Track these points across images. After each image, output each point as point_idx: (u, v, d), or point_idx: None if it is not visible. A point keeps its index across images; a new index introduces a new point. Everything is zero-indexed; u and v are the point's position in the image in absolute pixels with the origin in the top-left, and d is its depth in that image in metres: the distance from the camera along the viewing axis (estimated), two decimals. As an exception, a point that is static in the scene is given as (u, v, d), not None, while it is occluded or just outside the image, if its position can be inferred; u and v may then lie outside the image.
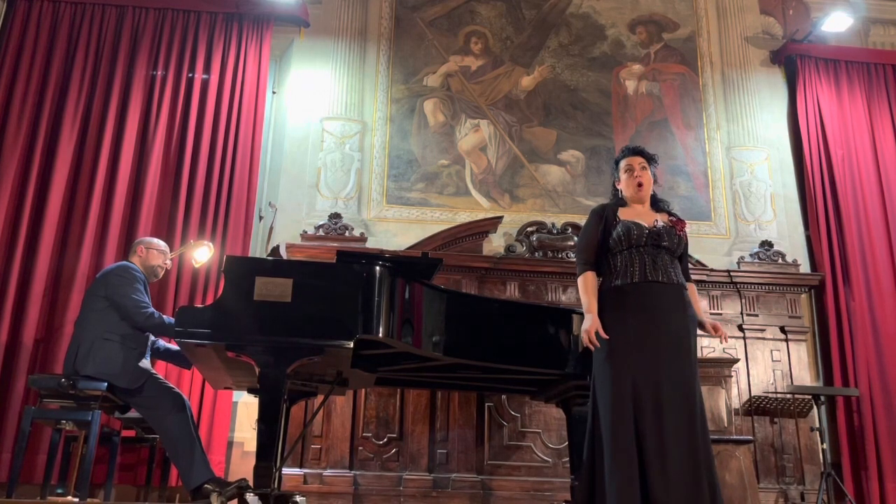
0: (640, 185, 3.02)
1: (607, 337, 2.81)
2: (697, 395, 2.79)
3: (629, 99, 5.95)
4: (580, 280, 2.98)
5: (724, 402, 4.60)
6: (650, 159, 3.09)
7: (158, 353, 3.90)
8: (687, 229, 3.04)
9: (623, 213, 3.01)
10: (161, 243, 4.01)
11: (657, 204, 3.09)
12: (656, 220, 2.98)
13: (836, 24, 5.98)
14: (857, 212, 5.60)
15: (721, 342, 2.93)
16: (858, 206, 5.62)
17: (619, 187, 3.11)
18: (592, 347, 2.83)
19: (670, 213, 3.06)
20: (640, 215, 3.00)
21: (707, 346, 5.19)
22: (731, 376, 4.71)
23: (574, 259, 4.75)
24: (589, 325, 2.84)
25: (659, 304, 2.85)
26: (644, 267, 2.88)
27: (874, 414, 5.14)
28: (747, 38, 6.25)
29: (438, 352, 3.17)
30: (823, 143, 5.79)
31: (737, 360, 4.92)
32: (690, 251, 5.32)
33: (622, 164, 3.09)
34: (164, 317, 3.62)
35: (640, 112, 5.92)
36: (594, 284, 2.95)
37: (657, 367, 2.76)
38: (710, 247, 5.58)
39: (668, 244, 2.91)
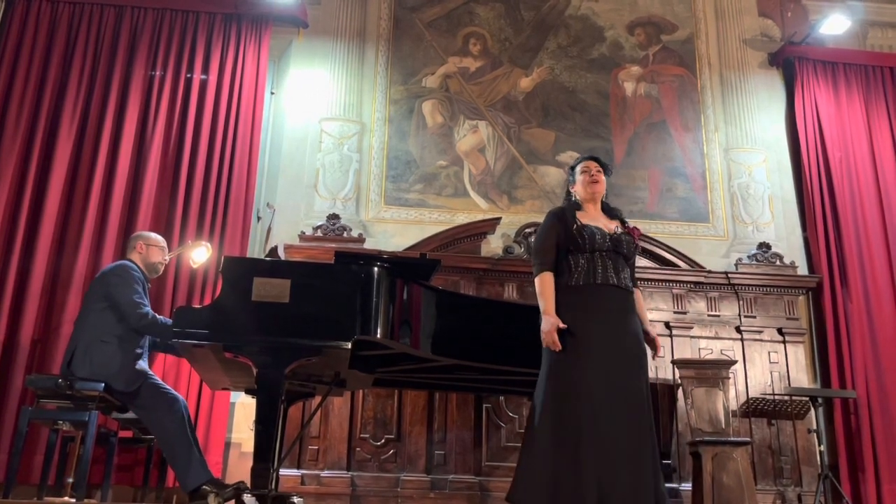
0: (595, 181, 3.15)
1: (565, 327, 2.86)
2: (648, 399, 2.90)
3: (627, 100, 5.95)
4: (538, 280, 3.04)
5: (721, 403, 4.60)
6: (605, 167, 3.25)
7: (156, 345, 3.89)
8: (638, 239, 3.16)
9: (581, 217, 3.10)
10: (159, 238, 4.01)
11: (611, 211, 3.22)
12: (616, 227, 3.10)
13: (835, 26, 5.99)
14: (854, 214, 5.61)
15: (654, 356, 3.06)
16: (856, 209, 5.62)
17: (573, 191, 3.24)
18: (556, 347, 2.87)
19: (623, 221, 3.18)
20: (596, 220, 3.11)
21: (705, 348, 5.20)
22: (728, 378, 4.71)
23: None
24: (550, 327, 2.90)
25: (618, 307, 2.97)
26: (606, 270, 2.97)
27: (871, 416, 5.14)
28: (745, 40, 6.26)
29: (437, 353, 3.17)
30: (821, 145, 5.80)
31: (734, 362, 4.93)
32: (688, 252, 5.41)
33: (579, 167, 3.24)
34: (160, 317, 3.61)
35: (638, 114, 5.92)
36: (552, 286, 3.01)
37: (615, 367, 2.84)
38: (707, 248, 5.59)
39: (626, 251, 3.05)
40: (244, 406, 4.81)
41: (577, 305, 2.94)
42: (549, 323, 2.91)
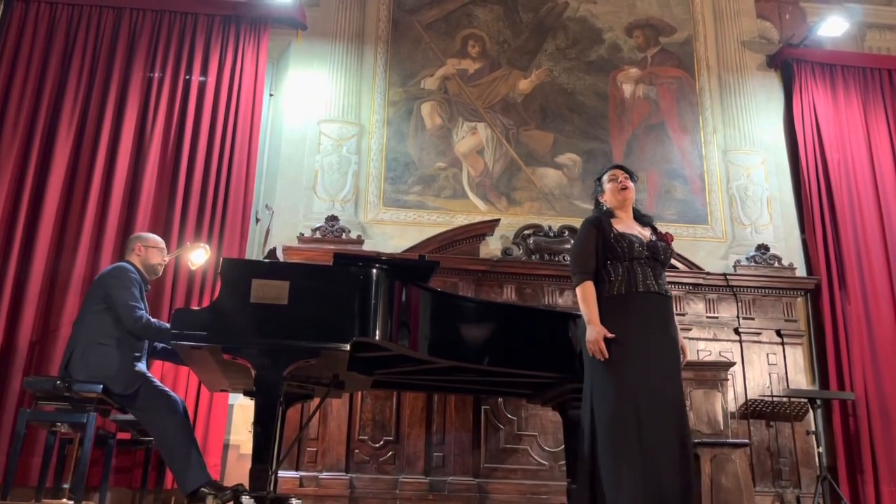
0: (624, 188, 3.15)
1: (612, 336, 2.87)
2: (686, 413, 2.95)
3: (626, 102, 5.96)
4: (580, 290, 3.02)
5: (720, 405, 4.60)
6: (631, 174, 3.25)
7: (156, 353, 3.88)
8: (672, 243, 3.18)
9: (617, 225, 3.10)
10: (158, 239, 3.99)
11: (642, 218, 3.22)
12: (651, 235, 3.12)
13: (833, 28, 6.00)
14: (852, 216, 5.61)
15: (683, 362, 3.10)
16: (854, 210, 5.63)
17: (602, 200, 3.24)
18: (601, 356, 2.87)
19: (654, 228, 3.19)
20: (631, 228, 3.11)
21: (703, 350, 5.20)
22: (727, 379, 4.72)
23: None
24: (595, 335, 2.89)
25: (660, 313, 2.98)
26: (646, 278, 2.98)
27: (870, 417, 5.15)
28: (744, 42, 6.27)
29: (435, 355, 3.17)
30: (819, 146, 5.81)
31: (733, 364, 4.93)
32: (687, 254, 5.42)
33: (606, 176, 3.24)
34: (155, 321, 3.59)
35: (636, 115, 5.93)
36: (594, 294, 3.00)
37: (659, 374, 2.87)
38: (706, 250, 5.59)
39: (662, 258, 3.06)
40: (243, 408, 4.80)
41: (621, 314, 2.94)
42: (595, 332, 2.90)
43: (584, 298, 2.99)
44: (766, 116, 6.07)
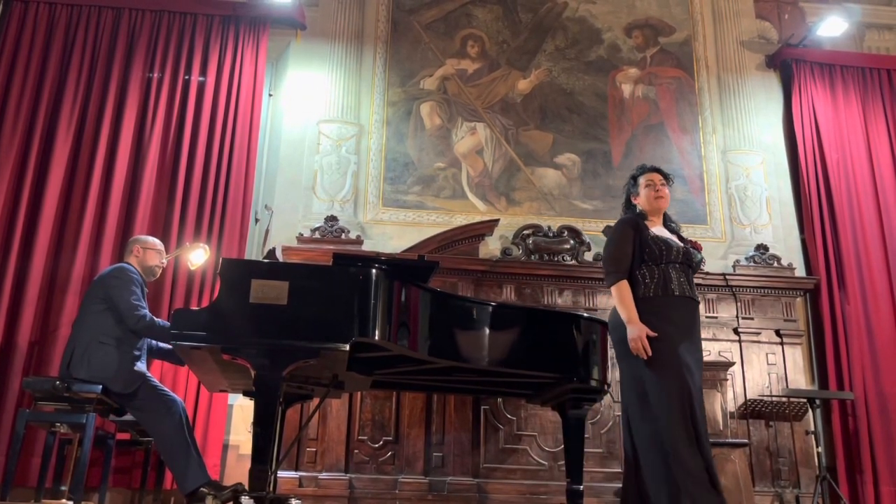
0: (660, 197, 3.17)
1: (655, 335, 2.90)
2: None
3: (625, 102, 5.96)
4: (615, 289, 3.04)
5: (719, 405, 4.61)
6: (668, 178, 3.25)
7: (155, 352, 3.89)
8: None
9: (652, 228, 3.13)
10: (156, 241, 4.02)
11: (668, 224, 3.23)
12: (684, 241, 3.16)
13: (832, 28, 6.00)
14: (851, 216, 5.62)
15: None
16: (853, 210, 5.63)
17: (635, 202, 3.24)
18: (645, 354, 2.90)
19: (680, 235, 3.21)
20: (663, 232, 3.14)
21: (703, 350, 5.20)
22: (726, 380, 4.72)
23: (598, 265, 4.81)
24: (637, 333, 2.91)
25: (691, 318, 3.03)
26: (681, 283, 3.02)
27: (869, 417, 5.15)
28: (743, 42, 6.27)
29: (434, 355, 3.17)
30: (818, 147, 5.81)
31: (732, 364, 4.94)
32: (686, 254, 5.40)
33: (642, 179, 3.23)
34: (157, 320, 3.61)
35: (636, 116, 5.93)
36: (630, 293, 3.01)
37: (694, 373, 2.94)
38: (705, 250, 5.54)
39: (694, 264, 3.13)
40: (242, 408, 4.80)
41: (655, 316, 2.96)
42: (637, 330, 2.92)
43: (622, 298, 3.00)
44: (765, 116, 6.07)
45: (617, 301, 3.03)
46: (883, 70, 6.14)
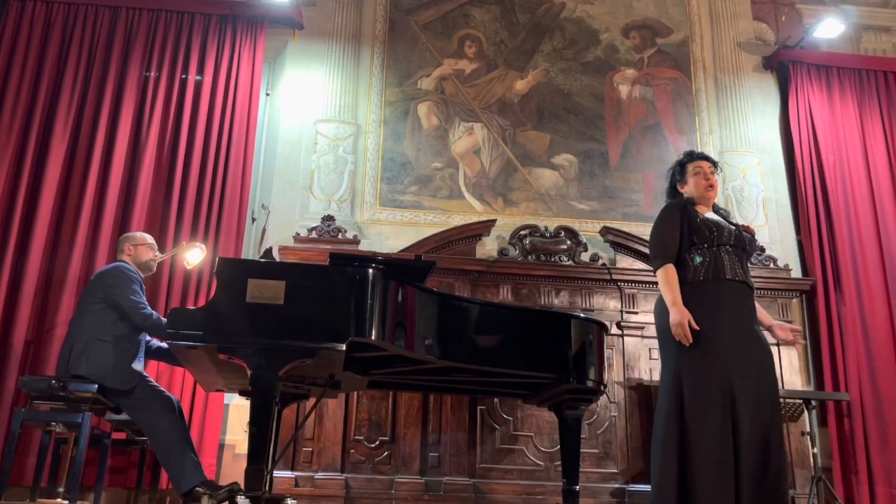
0: (711, 187, 3.09)
1: (697, 328, 2.80)
2: (778, 400, 2.89)
3: (622, 103, 5.97)
4: (661, 273, 2.95)
5: (715, 406, 4.61)
6: (717, 166, 3.18)
7: (151, 353, 3.88)
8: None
9: (701, 212, 3.05)
10: (145, 236, 4.00)
11: (718, 211, 3.16)
12: (735, 225, 3.06)
13: (828, 30, 6.02)
14: (848, 217, 5.63)
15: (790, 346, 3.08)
16: (850, 212, 5.64)
17: (682, 190, 3.17)
18: (686, 341, 2.80)
19: (729, 221, 3.13)
20: (712, 216, 3.06)
21: (699, 351, 5.20)
22: (722, 380, 4.72)
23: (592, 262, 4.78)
24: (679, 318, 2.81)
25: (745, 304, 2.91)
26: (733, 266, 2.92)
27: (865, 418, 5.16)
28: (740, 43, 6.28)
29: (431, 355, 3.17)
30: (815, 148, 5.82)
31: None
32: (683, 255, 5.40)
33: (691, 166, 3.15)
34: (162, 318, 3.61)
35: (633, 116, 5.94)
36: (676, 277, 2.92)
37: (750, 361, 2.79)
38: (702, 251, 5.59)
39: (748, 248, 3.01)
40: (238, 408, 4.80)
41: (704, 302, 2.86)
42: (680, 314, 2.80)
43: (667, 280, 2.91)
44: (761, 118, 6.08)
45: (661, 285, 2.93)
46: (879, 72, 6.15)
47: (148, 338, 3.83)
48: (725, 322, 2.84)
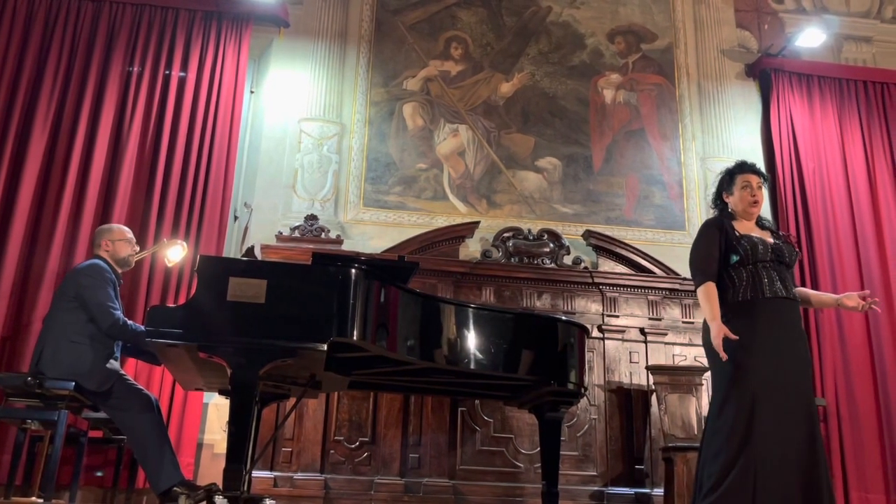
0: (755, 203, 3.09)
1: (735, 337, 2.81)
2: (816, 411, 2.87)
3: (607, 108, 6.00)
4: (702, 290, 2.96)
5: (694, 409, 4.65)
6: (765, 179, 3.17)
7: (127, 350, 3.84)
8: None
9: (740, 228, 3.05)
10: (124, 230, 3.89)
11: (760, 221, 3.16)
12: (773, 238, 3.06)
13: (810, 39, 6.09)
14: (826, 223, 5.70)
15: (866, 308, 3.07)
16: (828, 218, 5.71)
17: (727, 200, 3.17)
18: (724, 356, 2.82)
19: (773, 231, 3.13)
20: (752, 230, 3.06)
21: (679, 355, 5.24)
22: (701, 384, 4.76)
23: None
24: (716, 332, 2.83)
25: (788, 320, 2.92)
26: (773, 283, 2.93)
27: (840, 423, 5.22)
28: (723, 50, 6.34)
29: (413, 356, 3.16)
30: (795, 155, 5.89)
31: (708, 369, 4.96)
32: (664, 259, 5.46)
33: (739, 178, 3.13)
34: (130, 322, 3.56)
35: (617, 121, 5.97)
36: (716, 294, 2.94)
37: (787, 379, 2.82)
38: (683, 256, 5.53)
39: (788, 260, 3.01)
40: (217, 407, 4.76)
41: (747, 320, 2.88)
42: (717, 328, 2.83)
43: (707, 297, 2.92)
44: (743, 125, 6.14)
45: (702, 302, 2.95)
46: (859, 81, 6.24)
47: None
48: (764, 340, 2.86)
